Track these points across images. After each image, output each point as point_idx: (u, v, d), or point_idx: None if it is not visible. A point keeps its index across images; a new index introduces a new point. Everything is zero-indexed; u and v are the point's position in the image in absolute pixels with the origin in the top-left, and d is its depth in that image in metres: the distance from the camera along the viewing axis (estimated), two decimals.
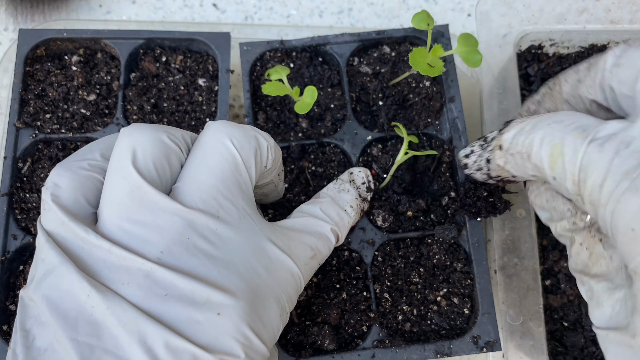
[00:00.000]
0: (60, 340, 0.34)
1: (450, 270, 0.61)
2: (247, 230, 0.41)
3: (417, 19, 0.59)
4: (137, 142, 0.39)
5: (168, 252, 0.37)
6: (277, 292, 0.42)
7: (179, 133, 0.43)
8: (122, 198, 0.38)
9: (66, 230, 0.38)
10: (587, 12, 0.69)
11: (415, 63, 0.57)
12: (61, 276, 0.36)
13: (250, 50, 0.67)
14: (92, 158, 0.42)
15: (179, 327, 0.35)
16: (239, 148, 0.41)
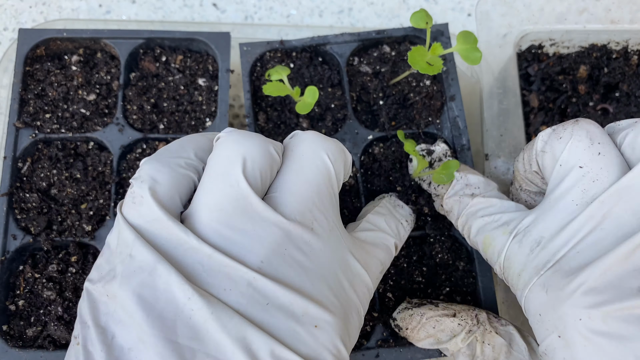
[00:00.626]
0: (150, 341, 0.33)
1: (452, 269, 0.61)
2: (336, 243, 0.42)
3: (416, 18, 0.59)
4: (247, 151, 0.40)
5: (268, 262, 0.37)
6: (358, 305, 0.43)
7: (279, 145, 0.44)
8: (225, 204, 0.38)
9: (159, 229, 0.37)
10: (587, 12, 0.69)
11: (414, 62, 0.57)
12: (158, 276, 0.35)
13: (250, 51, 0.67)
14: (187, 157, 0.42)
15: (281, 337, 0.35)
16: (334, 161, 0.42)
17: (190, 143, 0.44)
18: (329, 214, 0.42)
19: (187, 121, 0.67)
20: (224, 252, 0.36)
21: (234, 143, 0.40)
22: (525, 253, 0.42)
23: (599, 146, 0.41)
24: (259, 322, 0.35)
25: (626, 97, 0.70)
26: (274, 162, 0.41)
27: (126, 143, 0.64)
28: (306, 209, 0.40)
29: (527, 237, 0.43)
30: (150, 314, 0.34)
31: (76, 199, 0.63)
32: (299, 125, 0.66)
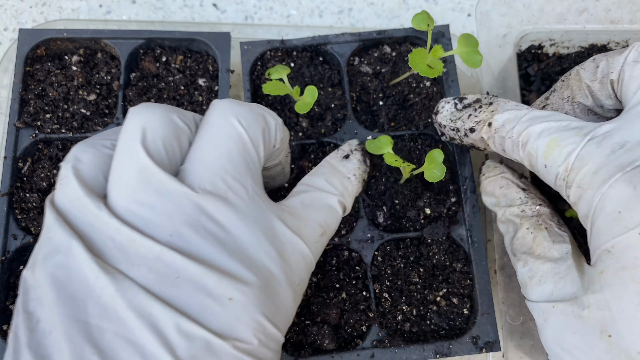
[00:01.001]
0: (60, 321, 0.33)
1: (449, 270, 0.61)
2: (257, 212, 0.40)
3: (417, 20, 0.59)
4: (146, 121, 0.38)
5: (178, 235, 0.36)
6: (289, 275, 0.41)
7: (189, 114, 0.42)
8: (129, 179, 0.37)
9: (79, 207, 0.37)
10: (587, 12, 0.69)
11: (415, 64, 0.57)
12: (70, 256, 0.35)
13: (251, 50, 0.67)
14: (115, 138, 0.41)
15: (190, 311, 0.34)
16: (246, 127, 0.40)
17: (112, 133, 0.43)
18: (246, 182, 0.40)
19: None
20: (133, 227, 0.36)
21: (134, 114, 0.39)
22: (605, 153, 0.38)
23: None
24: (167, 297, 0.34)
25: None
26: (180, 131, 0.40)
27: None
28: (217, 177, 0.38)
29: (607, 140, 0.39)
30: (61, 294, 0.34)
31: None
32: (299, 124, 0.66)
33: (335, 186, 0.49)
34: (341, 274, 0.60)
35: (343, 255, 0.61)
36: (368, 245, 0.60)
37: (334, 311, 0.58)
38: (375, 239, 0.60)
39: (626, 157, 0.37)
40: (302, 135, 0.65)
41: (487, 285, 0.59)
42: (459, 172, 0.63)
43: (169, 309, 0.34)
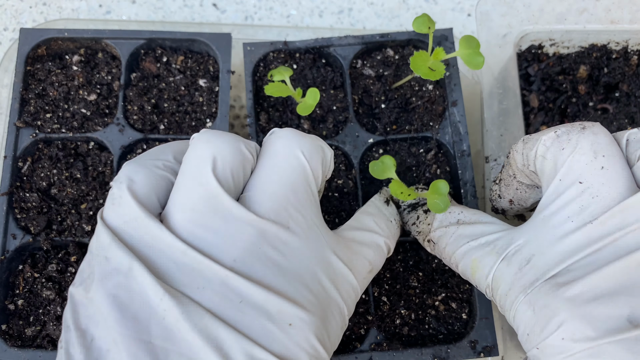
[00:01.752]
0: (124, 342, 0.33)
1: (448, 274, 0.61)
2: (315, 242, 0.41)
3: (418, 23, 0.58)
4: (217, 150, 0.39)
5: (241, 261, 0.37)
6: (340, 304, 0.42)
7: (252, 144, 0.43)
8: (197, 204, 0.38)
9: (136, 228, 0.37)
10: (587, 12, 0.69)
11: (416, 67, 0.57)
12: (131, 277, 0.35)
13: (254, 51, 0.67)
14: (166, 159, 0.42)
15: (254, 335, 0.35)
16: (309, 159, 0.42)
17: (170, 147, 0.44)
18: (306, 212, 0.41)
19: (188, 122, 0.67)
20: (198, 250, 0.36)
21: (204, 142, 0.40)
22: (513, 272, 0.41)
23: (603, 159, 0.38)
24: (232, 320, 0.35)
25: (626, 97, 0.70)
26: (246, 160, 0.41)
27: (126, 143, 0.64)
28: (281, 207, 0.40)
29: (517, 255, 0.42)
30: (124, 315, 0.34)
31: (76, 199, 0.63)
32: (300, 127, 0.66)
33: (381, 227, 0.51)
34: None
35: None
36: None
37: None
38: None
39: (529, 275, 0.40)
40: None
41: None
42: (459, 176, 0.63)
43: (235, 332, 0.34)
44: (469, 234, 0.48)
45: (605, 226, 0.36)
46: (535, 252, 0.40)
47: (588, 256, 0.37)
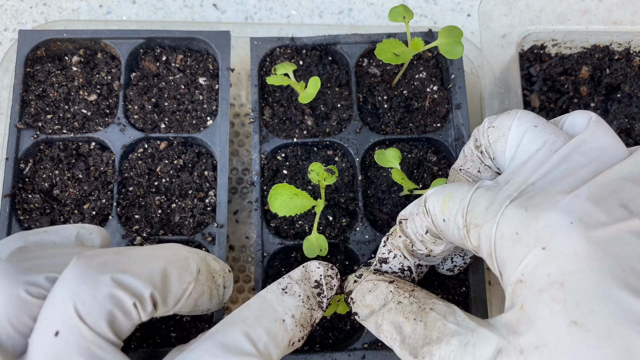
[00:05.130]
0: None
1: (445, 276, 0.61)
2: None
3: (394, 13, 0.59)
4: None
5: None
6: None
7: (40, 281, 0.37)
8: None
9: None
10: (590, 13, 0.69)
11: (381, 52, 0.57)
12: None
13: (261, 46, 0.67)
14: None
15: None
16: (84, 314, 0.36)
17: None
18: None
19: (189, 120, 0.67)
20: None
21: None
22: (493, 192, 0.40)
23: (542, 119, 0.43)
24: None
25: (628, 98, 0.70)
26: (29, 305, 0.37)
27: (128, 143, 0.64)
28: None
29: (494, 184, 0.42)
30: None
31: (79, 199, 0.63)
32: (304, 122, 0.66)
33: (255, 339, 0.40)
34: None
35: (340, 255, 0.62)
36: (366, 246, 0.60)
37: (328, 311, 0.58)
38: (373, 240, 0.60)
39: (511, 188, 0.39)
40: (307, 134, 0.65)
41: (482, 293, 0.59)
42: None
43: None
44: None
45: (570, 150, 0.39)
46: (513, 178, 0.40)
47: (562, 167, 0.38)
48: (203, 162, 0.65)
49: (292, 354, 0.56)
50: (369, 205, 0.63)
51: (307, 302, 0.45)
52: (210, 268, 0.45)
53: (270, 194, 0.55)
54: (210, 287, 0.45)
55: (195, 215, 0.62)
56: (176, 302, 0.41)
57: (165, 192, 0.64)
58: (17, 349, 0.37)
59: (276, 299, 0.44)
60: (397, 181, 0.56)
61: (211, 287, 0.45)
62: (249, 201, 0.75)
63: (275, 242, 0.60)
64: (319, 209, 0.57)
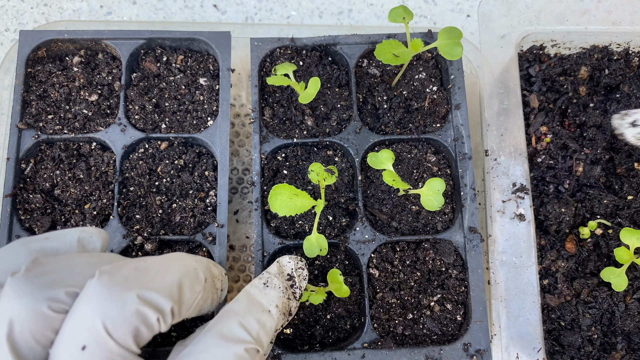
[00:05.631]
0: None
1: (445, 276, 0.61)
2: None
3: (393, 14, 0.59)
4: (14, 314, 0.37)
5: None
6: None
7: (61, 296, 0.39)
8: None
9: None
10: (589, 14, 0.69)
11: (380, 53, 0.58)
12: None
13: (261, 46, 0.67)
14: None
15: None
16: (112, 331, 0.38)
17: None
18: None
19: (189, 120, 0.67)
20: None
21: (3, 302, 0.38)
22: None
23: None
24: None
25: (627, 98, 0.70)
26: (51, 320, 0.38)
27: (128, 143, 0.64)
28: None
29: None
30: None
31: (80, 199, 0.63)
32: (304, 123, 0.66)
33: (249, 328, 0.45)
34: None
35: (340, 255, 0.62)
36: (365, 246, 0.61)
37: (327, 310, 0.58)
38: (373, 240, 0.61)
39: None
40: (307, 134, 0.65)
41: (482, 293, 0.59)
42: (460, 179, 0.63)
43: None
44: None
45: None
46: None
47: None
48: (203, 162, 0.65)
49: (293, 354, 0.56)
50: (369, 205, 0.64)
51: (285, 293, 0.49)
52: (213, 274, 0.48)
53: (270, 194, 0.55)
54: (212, 292, 0.47)
55: (196, 215, 0.63)
56: (187, 310, 0.43)
57: (165, 192, 0.64)
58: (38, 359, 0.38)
59: (260, 292, 0.48)
60: (389, 183, 0.56)
61: (213, 293, 0.48)
62: (249, 201, 0.75)
63: (275, 242, 0.60)
64: (319, 209, 0.57)
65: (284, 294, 0.50)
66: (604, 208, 0.66)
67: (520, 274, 0.61)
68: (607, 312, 0.64)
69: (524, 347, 0.60)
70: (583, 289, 0.64)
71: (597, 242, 0.66)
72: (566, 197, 0.66)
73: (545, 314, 0.64)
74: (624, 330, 0.63)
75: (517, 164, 0.64)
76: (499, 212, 0.62)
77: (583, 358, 0.63)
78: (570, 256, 0.65)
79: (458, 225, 0.62)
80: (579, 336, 0.63)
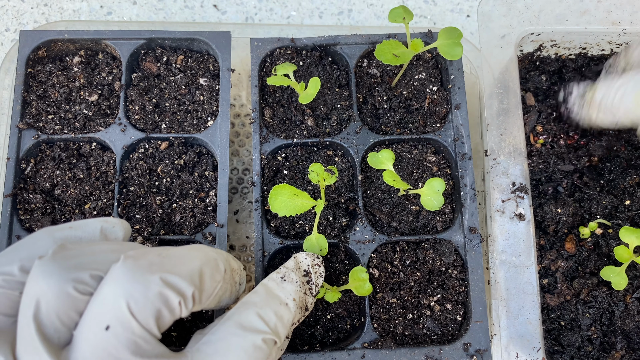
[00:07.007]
0: None
1: (445, 276, 0.61)
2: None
3: (393, 14, 0.59)
4: (41, 293, 0.38)
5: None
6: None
7: (85, 278, 0.40)
8: (22, 351, 0.38)
9: None
10: (589, 14, 0.69)
11: (380, 53, 0.58)
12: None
13: (261, 46, 0.67)
14: (9, 272, 0.41)
15: None
16: (135, 310, 0.38)
17: (19, 251, 0.42)
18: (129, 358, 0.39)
19: (189, 120, 0.67)
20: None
21: (31, 281, 0.39)
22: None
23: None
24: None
25: None
26: (77, 301, 0.39)
27: (129, 143, 0.64)
28: (97, 358, 0.38)
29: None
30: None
31: (80, 199, 0.63)
32: (304, 123, 0.66)
33: (267, 319, 0.46)
34: (336, 273, 0.61)
35: (340, 255, 0.62)
36: (366, 246, 0.61)
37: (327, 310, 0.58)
38: (373, 240, 0.61)
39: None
40: (307, 134, 0.66)
41: (482, 293, 0.60)
42: (460, 179, 0.63)
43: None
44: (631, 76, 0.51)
45: None
46: None
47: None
48: (204, 162, 0.65)
49: (293, 354, 0.56)
50: (369, 205, 0.64)
51: (302, 287, 0.50)
52: (232, 267, 0.49)
53: (270, 194, 0.55)
54: (231, 285, 0.48)
55: (196, 215, 0.63)
56: (207, 299, 0.44)
57: (166, 192, 0.64)
58: (62, 341, 0.39)
59: (277, 286, 0.49)
60: (389, 183, 0.56)
61: (232, 285, 0.49)
62: (249, 201, 0.75)
63: (276, 242, 0.60)
64: (319, 209, 0.57)
65: (300, 288, 0.51)
66: (602, 209, 0.66)
67: (519, 273, 0.61)
68: (607, 312, 0.64)
69: (523, 347, 0.60)
70: (583, 289, 0.64)
71: (597, 241, 0.66)
72: (563, 198, 0.66)
73: (545, 314, 0.64)
74: (624, 329, 0.63)
75: (516, 164, 0.64)
76: (499, 211, 0.63)
77: (583, 357, 0.63)
78: (570, 256, 0.66)
79: (458, 225, 0.62)
80: (579, 336, 0.63)
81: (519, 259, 0.62)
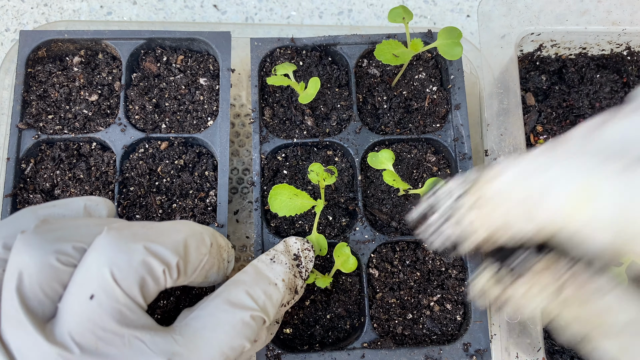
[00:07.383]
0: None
1: (445, 276, 0.61)
2: (138, 356, 0.39)
3: (393, 14, 0.59)
4: (23, 266, 0.38)
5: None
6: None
7: (68, 249, 0.39)
8: (6, 324, 0.38)
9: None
10: (589, 14, 0.69)
11: (380, 53, 0.58)
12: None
13: (261, 46, 0.67)
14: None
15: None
16: (120, 279, 0.38)
17: (2, 228, 0.42)
18: (119, 330, 0.39)
19: (189, 120, 0.67)
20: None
21: (14, 254, 0.39)
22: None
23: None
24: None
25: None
26: (60, 272, 0.39)
27: (129, 143, 0.64)
28: (85, 329, 0.38)
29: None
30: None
31: None
32: (304, 123, 0.66)
33: (255, 297, 0.46)
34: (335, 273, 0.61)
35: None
36: (365, 246, 0.61)
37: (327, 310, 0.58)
38: (373, 240, 0.61)
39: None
40: (307, 134, 0.66)
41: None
42: None
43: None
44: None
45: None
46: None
47: None
48: (204, 162, 0.65)
49: (292, 353, 0.56)
50: (369, 205, 0.64)
51: (292, 270, 0.51)
52: (218, 243, 0.49)
53: (270, 194, 0.55)
54: (218, 260, 0.49)
55: (196, 215, 0.63)
56: (193, 272, 0.44)
57: (166, 192, 0.64)
58: (47, 314, 0.39)
59: (267, 267, 0.50)
60: (389, 183, 0.56)
61: (219, 261, 0.49)
62: (249, 201, 0.75)
63: (276, 242, 0.61)
64: (319, 209, 0.57)
65: (290, 270, 0.51)
66: None
67: None
68: None
69: (523, 347, 0.60)
70: None
71: None
72: None
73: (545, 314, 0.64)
74: None
75: None
76: None
77: (583, 357, 0.63)
78: None
79: None
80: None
81: None
